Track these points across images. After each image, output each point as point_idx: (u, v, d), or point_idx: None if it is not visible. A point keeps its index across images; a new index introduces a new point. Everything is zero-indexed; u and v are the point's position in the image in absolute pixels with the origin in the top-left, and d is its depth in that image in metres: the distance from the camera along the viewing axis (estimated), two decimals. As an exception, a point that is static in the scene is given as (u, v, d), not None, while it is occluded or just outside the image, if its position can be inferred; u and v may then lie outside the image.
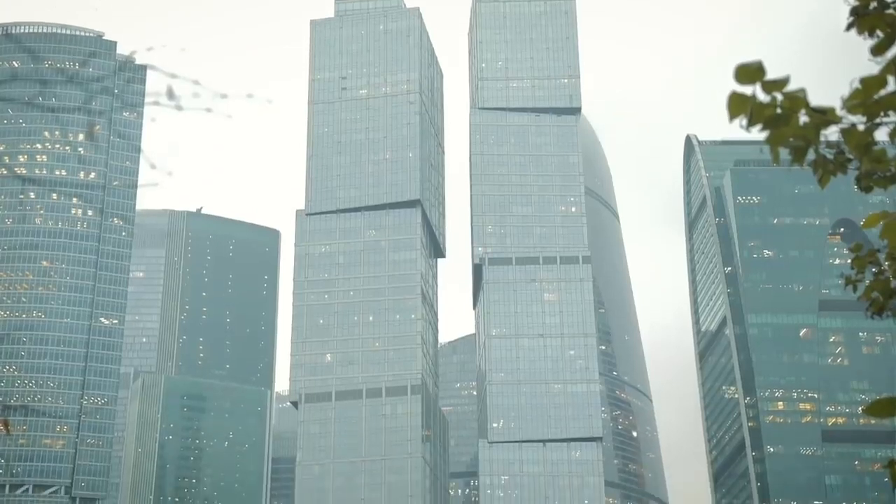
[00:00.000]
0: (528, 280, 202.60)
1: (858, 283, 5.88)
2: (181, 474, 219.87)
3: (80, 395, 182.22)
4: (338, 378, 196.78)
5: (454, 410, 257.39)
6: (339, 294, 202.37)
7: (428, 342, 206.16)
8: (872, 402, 5.06)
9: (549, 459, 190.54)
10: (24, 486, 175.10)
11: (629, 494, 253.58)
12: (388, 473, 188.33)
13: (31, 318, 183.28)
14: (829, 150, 5.32)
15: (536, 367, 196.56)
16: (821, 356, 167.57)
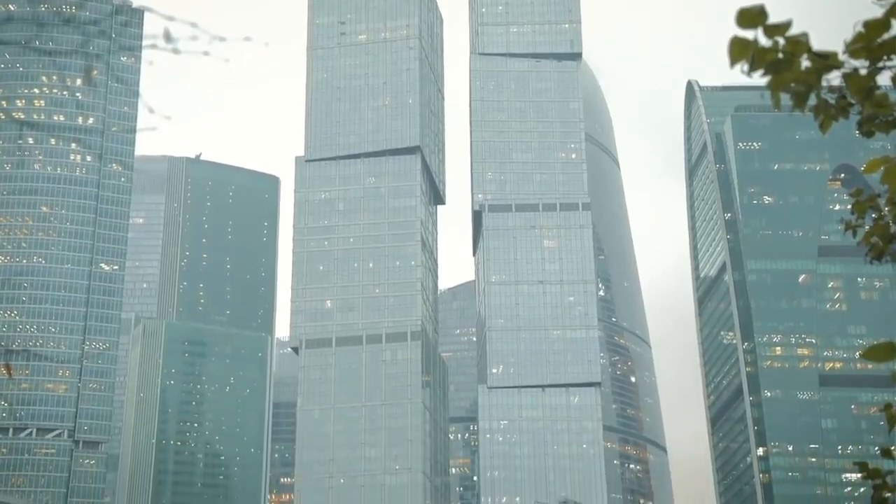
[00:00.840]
0: (528, 227, 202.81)
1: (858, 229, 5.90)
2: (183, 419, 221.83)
3: (82, 339, 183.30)
4: (338, 324, 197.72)
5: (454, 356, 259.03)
6: (339, 241, 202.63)
7: (428, 289, 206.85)
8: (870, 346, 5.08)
9: (548, 404, 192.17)
10: (27, 429, 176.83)
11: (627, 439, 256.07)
12: (388, 418, 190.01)
13: (32, 263, 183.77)
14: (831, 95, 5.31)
15: (536, 313, 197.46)
16: (819, 302, 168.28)
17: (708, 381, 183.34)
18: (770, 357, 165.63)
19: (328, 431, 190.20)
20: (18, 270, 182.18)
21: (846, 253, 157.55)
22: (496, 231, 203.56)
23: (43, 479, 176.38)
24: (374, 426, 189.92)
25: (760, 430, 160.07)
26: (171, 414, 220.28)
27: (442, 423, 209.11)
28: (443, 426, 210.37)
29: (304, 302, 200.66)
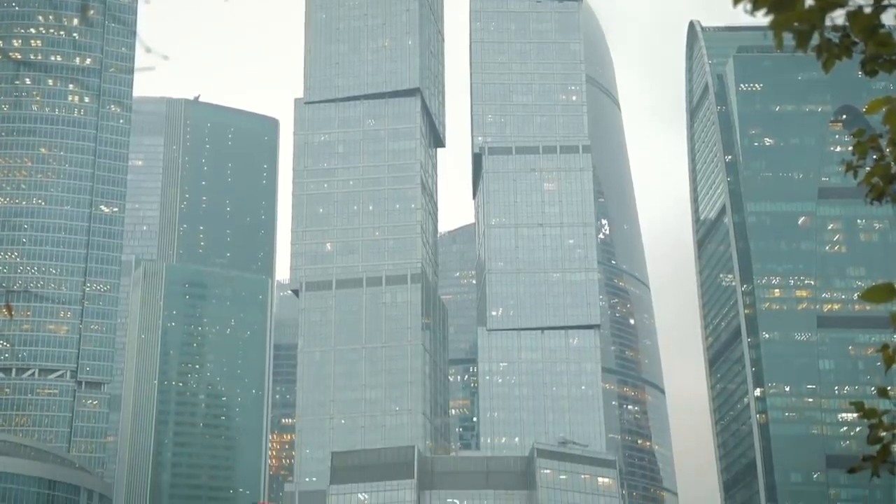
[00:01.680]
0: (528, 169, 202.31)
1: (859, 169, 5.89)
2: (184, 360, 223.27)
3: (83, 281, 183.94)
4: (338, 267, 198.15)
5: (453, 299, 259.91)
6: (339, 183, 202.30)
7: (427, 231, 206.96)
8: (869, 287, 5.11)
9: (548, 346, 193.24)
10: (29, 369, 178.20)
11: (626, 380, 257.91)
12: (388, 360, 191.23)
13: (32, 204, 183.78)
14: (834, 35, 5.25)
15: (535, 255, 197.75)
16: (819, 243, 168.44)
17: (706, 323, 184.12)
18: (769, 299, 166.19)
19: (329, 373, 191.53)
20: (18, 212, 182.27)
21: (846, 195, 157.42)
22: (496, 174, 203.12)
23: (46, 419, 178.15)
24: (375, 368, 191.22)
25: (758, 371, 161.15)
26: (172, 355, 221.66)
27: (442, 365, 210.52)
28: (442, 368, 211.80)
29: (304, 244, 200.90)
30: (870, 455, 5.78)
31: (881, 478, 6.13)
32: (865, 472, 6.06)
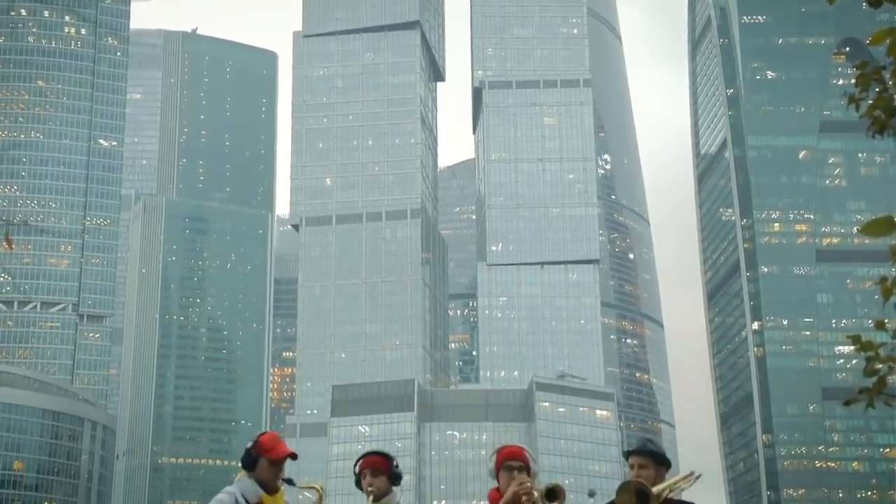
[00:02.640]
0: (528, 104, 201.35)
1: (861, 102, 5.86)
2: (185, 294, 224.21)
3: (83, 215, 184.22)
4: (338, 202, 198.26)
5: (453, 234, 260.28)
6: (338, 118, 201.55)
7: (427, 166, 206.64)
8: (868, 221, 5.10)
9: (547, 281, 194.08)
10: (31, 302, 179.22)
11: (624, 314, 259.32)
12: (388, 295, 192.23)
13: (30, 138, 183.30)
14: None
15: (535, 190, 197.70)
16: (819, 177, 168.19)
17: (706, 258, 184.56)
18: (768, 233, 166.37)
19: (329, 307, 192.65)
20: (17, 145, 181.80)
21: (847, 129, 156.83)
22: (496, 108, 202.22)
23: (49, 352, 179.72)
24: (375, 303, 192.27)
25: (756, 305, 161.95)
26: (173, 290, 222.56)
27: (441, 300, 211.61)
28: (442, 302, 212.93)
29: (303, 179, 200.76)
30: (865, 387, 5.81)
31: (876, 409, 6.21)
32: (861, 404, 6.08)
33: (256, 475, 6.87)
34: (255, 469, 6.87)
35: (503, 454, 7.29)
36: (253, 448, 6.92)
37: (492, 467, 7.29)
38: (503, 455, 7.28)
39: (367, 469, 7.21)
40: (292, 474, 7.03)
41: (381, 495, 7.16)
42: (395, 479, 7.28)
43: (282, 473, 6.91)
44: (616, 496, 6.50)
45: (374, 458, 7.27)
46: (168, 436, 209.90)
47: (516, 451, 7.30)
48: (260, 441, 6.95)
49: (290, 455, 6.91)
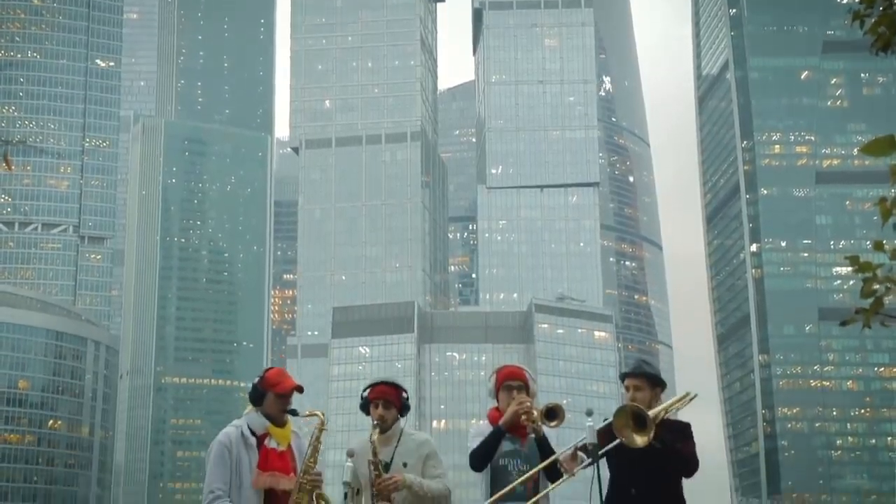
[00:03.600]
0: (529, 25, 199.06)
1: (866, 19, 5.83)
2: (185, 216, 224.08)
3: (82, 136, 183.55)
4: (337, 124, 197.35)
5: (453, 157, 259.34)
6: (337, 39, 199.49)
7: (427, 89, 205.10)
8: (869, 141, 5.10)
9: (547, 204, 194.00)
10: (32, 224, 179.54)
11: (624, 237, 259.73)
12: (388, 218, 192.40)
13: (27, 58, 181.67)
14: None
15: (535, 113, 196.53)
16: (820, 98, 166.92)
17: (705, 180, 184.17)
18: (768, 155, 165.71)
19: (329, 230, 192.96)
20: (14, 65, 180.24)
21: (850, 49, 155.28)
22: (496, 29, 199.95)
23: (51, 273, 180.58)
24: (375, 225, 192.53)
25: (755, 227, 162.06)
26: (173, 212, 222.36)
27: (441, 223, 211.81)
28: (442, 225, 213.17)
29: (303, 101, 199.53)
30: (862, 307, 5.85)
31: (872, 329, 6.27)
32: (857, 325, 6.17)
33: (264, 409, 7.02)
34: (263, 403, 7.03)
35: (503, 374, 7.41)
36: (260, 383, 7.07)
37: (491, 387, 7.44)
38: (503, 375, 7.41)
39: (378, 400, 7.36)
40: (297, 400, 7.18)
41: (386, 427, 7.33)
42: (403, 409, 7.41)
43: (287, 407, 7.06)
44: (613, 420, 6.66)
45: (386, 390, 7.40)
46: (171, 356, 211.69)
47: (516, 370, 7.42)
48: (266, 376, 7.11)
49: (296, 388, 7.07)
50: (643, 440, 6.52)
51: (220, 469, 6.75)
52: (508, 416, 7.14)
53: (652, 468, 6.86)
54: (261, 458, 6.86)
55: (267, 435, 6.98)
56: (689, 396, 7.14)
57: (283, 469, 6.92)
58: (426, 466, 7.26)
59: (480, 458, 7.14)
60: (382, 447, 7.27)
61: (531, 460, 7.18)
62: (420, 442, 7.36)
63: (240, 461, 6.81)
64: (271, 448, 6.96)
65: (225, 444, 6.86)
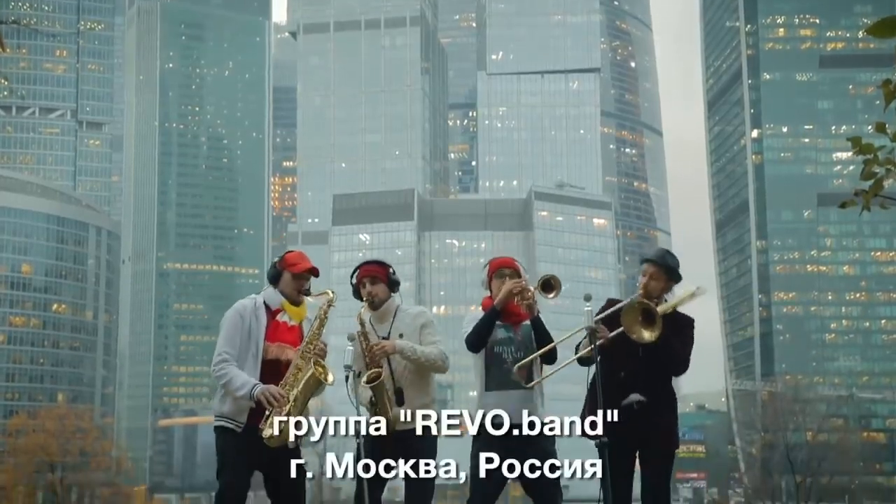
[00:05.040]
0: None
1: None
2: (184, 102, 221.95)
3: (76, 18, 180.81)
4: (335, 8, 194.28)
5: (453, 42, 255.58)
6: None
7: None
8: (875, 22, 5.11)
9: (547, 91, 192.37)
10: (30, 108, 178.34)
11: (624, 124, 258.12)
12: (388, 105, 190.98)
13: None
14: None
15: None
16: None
17: (708, 65, 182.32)
18: (772, 39, 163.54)
19: (328, 117, 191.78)
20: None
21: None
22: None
23: (50, 158, 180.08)
24: (374, 112, 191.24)
25: (756, 112, 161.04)
26: (171, 97, 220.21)
27: (441, 109, 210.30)
28: (442, 112, 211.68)
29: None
30: (862, 190, 5.98)
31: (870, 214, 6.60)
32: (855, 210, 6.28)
33: (280, 288, 7.23)
34: (280, 282, 7.24)
35: (494, 264, 7.53)
36: (279, 263, 7.29)
37: (484, 277, 7.54)
38: (494, 265, 7.52)
39: (365, 278, 7.47)
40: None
41: (380, 302, 7.43)
42: (392, 285, 7.47)
43: (303, 287, 7.26)
44: (622, 316, 6.83)
45: (371, 267, 7.49)
46: (172, 242, 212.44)
47: (507, 260, 7.53)
48: (286, 257, 7.33)
49: (311, 270, 7.28)
50: (651, 335, 6.70)
51: (230, 335, 6.90)
52: (503, 295, 7.15)
53: (642, 355, 6.98)
54: (270, 329, 7.03)
55: (280, 310, 7.18)
56: (697, 291, 7.22)
57: (291, 342, 7.10)
58: (421, 335, 7.29)
59: (477, 338, 7.18)
60: (379, 325, 7.27)
61: (525, 347, 7.22)
62: (415, 314, 7.42)
63: (251, 330, 6.94)
64: (283, 322, 7.17)
65: (240, 311, 7.02)
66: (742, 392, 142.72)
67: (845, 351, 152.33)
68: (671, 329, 6.91)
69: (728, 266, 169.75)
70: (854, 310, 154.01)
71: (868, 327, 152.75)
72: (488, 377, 7.24)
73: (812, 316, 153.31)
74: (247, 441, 6.83)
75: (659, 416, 7.05)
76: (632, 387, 7.01)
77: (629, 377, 7.02)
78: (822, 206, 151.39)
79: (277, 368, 6.96)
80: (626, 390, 7.04)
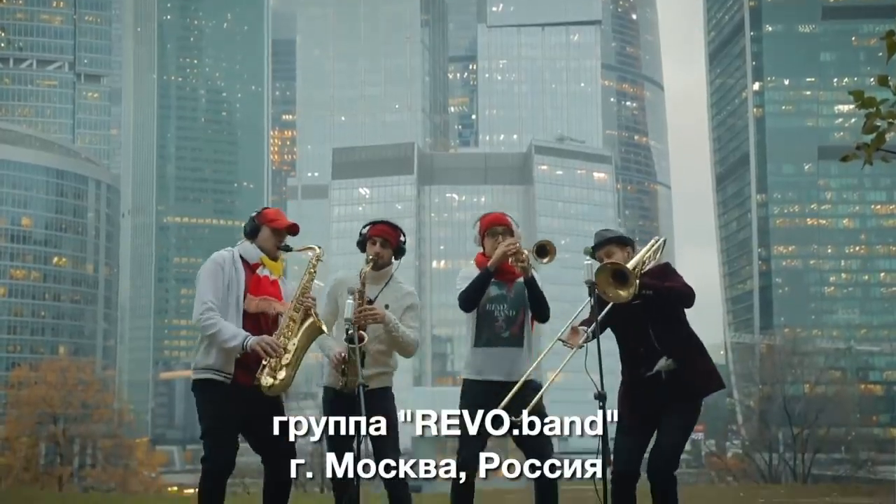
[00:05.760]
0: None
1: None
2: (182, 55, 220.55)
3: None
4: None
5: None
6: None
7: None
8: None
9: (548, 43, 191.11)
10: (27, 60, 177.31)
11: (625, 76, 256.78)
12: (387, 57, 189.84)
13: None
14: None
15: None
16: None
17: (709, 17, 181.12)
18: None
19: (328, 70, 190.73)
20: None
21: None
22: None
23: (49, 111, 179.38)
24: (374, 65, 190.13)
25: (758, 64, 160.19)
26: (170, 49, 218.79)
27: (441, 62, 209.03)
28: (442, 65, 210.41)
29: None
30: (863, 143, 6.01)
31: (871, 167, 6.52)
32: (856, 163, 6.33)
33: (258, 242, 7.12)
34: (257, 237, 7.13)
35: (486, 221, 7.45)
36: (256, 217, 7.17)
37: (476, 234, 7.48)
38: (486, 222, 7.44)
39: (376, 237, 7.38)
40: (298, 239, 7.31)
41: (382, 265, 7.38)
42: (398, 252, 7.44)
43: (282, 243, 7.15)
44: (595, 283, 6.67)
45: (386, 229, 7.41)
46: (172, 196, 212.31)
47: (499, 216, 7.44)
48: (264, 212, 7.21)
49: (291, 227, 7.15)
50: (628, 293, 6.62)
51: (212, 284, 6.80)
52: (497, 257, 7.10)
53: (650, 320, 6.89)
54: (252, 283, 6.90)
55: (259, 265, 6.99)
56: (659, 241, 7.21)
57: (275, 296, 6.96)
58: (404, 317, 7.27)
59: (470, 299, 7.14)
60: (370, 285, 7.22)
61: (517, 305, 7.17)
62: (405, 292, 7.37)
63: (231, 282, 6.82)
64: (263, 276, 6.97)
65: (219, 262, 6.90)
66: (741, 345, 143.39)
67: (844, 304, 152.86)
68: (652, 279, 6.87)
69: (728, 220, 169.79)
70: (853, 263, 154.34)
71: (867, 280, 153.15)
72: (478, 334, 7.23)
73: (811, 269, 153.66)
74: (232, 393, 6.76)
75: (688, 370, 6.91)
76: (655, 356, 6.92)
77: (649, 349, 6.94)
78: (823, 160, 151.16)
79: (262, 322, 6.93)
80: (651, 362, 6.94)
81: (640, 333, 6.93)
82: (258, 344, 6.70)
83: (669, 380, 6.88)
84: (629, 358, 7.03)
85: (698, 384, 6.97)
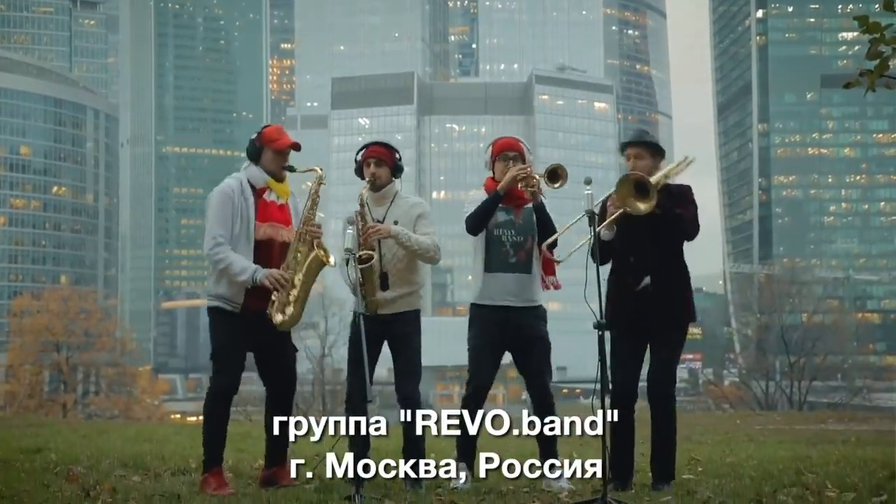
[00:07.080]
0: None
1: None
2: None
3: None
4: None
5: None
6: None
7: None
8: None
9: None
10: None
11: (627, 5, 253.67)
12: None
13: None
14: None
15: None
16: None
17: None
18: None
19: None
20: None
21: None
22: None
23: (45, 38, 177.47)
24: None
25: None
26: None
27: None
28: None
29: None
30: (867, 69, 5.87)
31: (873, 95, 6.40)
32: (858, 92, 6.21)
33: (262, 165, 6.99)
34: (260, 160, 6.99)
35: (498, 145, 7.36)
36: (257, 139, 7.02)
37: (487, 158, 7.38)
38: (498, 146, 7.35)
39: (371, 158, 7.30)
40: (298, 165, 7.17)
41: (381, 185, 7.30)
42: (396, 170, 7.35)
43: (286, 163, 7.02)
44: (616, 190, 6.74)
45: (379, 149, 7.33)
46: (171, 126, 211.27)
47: (512, 141, 7.38)
48: (264, 132, 7.06)
49: (293, 145, 7.06)
50: (647, 206, 6.61)
51: (222, 216, 6.71)
52: (507, 180, 7.03)
53: (650, 234, 6.88)
54: (259, 210, 6.83)
55: (266, 189, 6.91)
56: (687, 160, 7.15)
57: (282, 221, 6.91)
58: (416, 226, 7.20)
59: (477, 221, 7.09)
60: (376, 207, 7.19)
61: (525, 231, 7.12)
62: (413, 203, 7.31)
63: (240, 211, 6.75)
64: (270, 201, 6.91)
65: (227, 192, 6.78)
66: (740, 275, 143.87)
67: (843, 233, 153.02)
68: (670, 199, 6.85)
69: (729, 150, 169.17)
70: (853, 192, 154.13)
71: (867, 209, 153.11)
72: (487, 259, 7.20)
73: (811, 199, 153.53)
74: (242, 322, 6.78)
75: (672, 294, 6.95)
76: (643, 268, 6.92)
77: (639, 260, 6.93)
78: (826, 88, 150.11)
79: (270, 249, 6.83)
80: (638, 274, 6.95)
81: (635, 243, 6.92)
82: (267, 278, 6.70)
83: (656, 299, 6.90)
84: (619, 266, 7.02)
85: (687, 311, 7.02)
